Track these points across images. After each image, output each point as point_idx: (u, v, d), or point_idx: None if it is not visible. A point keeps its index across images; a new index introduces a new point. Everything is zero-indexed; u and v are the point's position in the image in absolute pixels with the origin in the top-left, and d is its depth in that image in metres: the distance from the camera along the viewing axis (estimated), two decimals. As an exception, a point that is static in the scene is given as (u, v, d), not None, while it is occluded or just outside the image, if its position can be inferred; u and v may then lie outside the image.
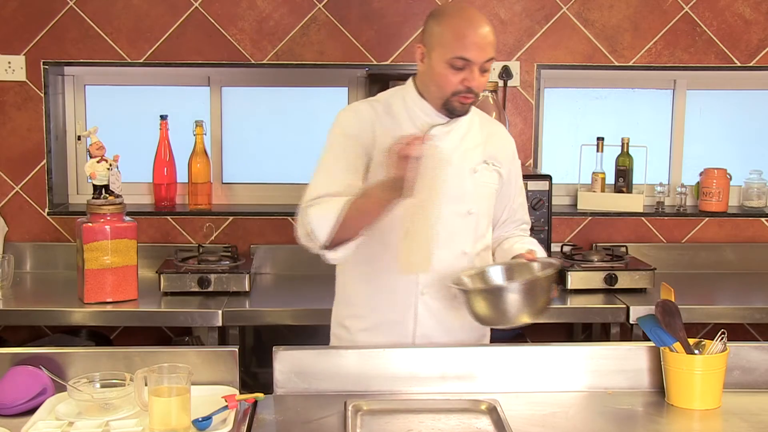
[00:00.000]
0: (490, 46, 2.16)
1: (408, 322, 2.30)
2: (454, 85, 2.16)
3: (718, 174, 3.63)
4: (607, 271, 3.21)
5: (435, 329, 2.30)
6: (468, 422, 1.93)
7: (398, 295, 2.29)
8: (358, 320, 2.35)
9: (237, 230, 3.58)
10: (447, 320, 2.30)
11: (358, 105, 2.35)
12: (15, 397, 1.96)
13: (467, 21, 2.15)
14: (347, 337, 2.37)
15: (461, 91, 2.16)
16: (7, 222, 3.54)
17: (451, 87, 2.16)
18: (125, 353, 2.10)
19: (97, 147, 2.99)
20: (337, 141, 2.28)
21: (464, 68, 2.14)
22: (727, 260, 3.65)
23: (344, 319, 2.39)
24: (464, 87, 2.16)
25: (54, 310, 3.01)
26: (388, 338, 2.30)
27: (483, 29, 2.15)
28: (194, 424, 1.83)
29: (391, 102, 2.30)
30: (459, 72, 2.14)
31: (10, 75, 3.49)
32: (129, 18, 3.48)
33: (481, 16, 2.18)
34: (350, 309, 2.38)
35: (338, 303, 2.43)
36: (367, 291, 2.33)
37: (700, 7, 3.55)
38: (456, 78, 2.15)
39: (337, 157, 2.25)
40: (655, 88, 3.78)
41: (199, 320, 2.99)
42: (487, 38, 2.15)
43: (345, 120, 2.30)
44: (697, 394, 2.03)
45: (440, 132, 2.22)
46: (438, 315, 2.30)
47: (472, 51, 2.13)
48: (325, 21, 3.50)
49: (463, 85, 2.15)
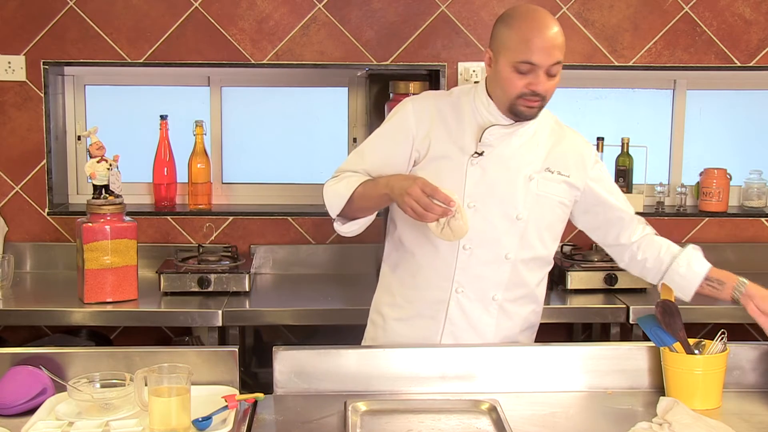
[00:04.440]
0: (557, 49, 2.12)
1: (439, 319, 2.29)
2: (519, 88, 2.14)
3: (718, 174, 3.62)
4: (607, 271, 3.21)
5: (465, 330, 2.29)
6: (468, 422, 1.93)
7: (433, 290, 2.29)
8: (394, 309, 2.36)
9: (237, 230, 3.58)
10: (478, 323, 2.29)
11: (424, 98, 2.34)
12: (15, 397, 1.96)
13: (533, 24, 2.12)
14: (381, 324, 2.39)
15: (526, 94, 2.14)
16: (7, 222, 3.54)
17: (516, 90, 2.14)
18: (125, 353, 2.10)
19: (97, 147, 2.99)
20: (387, 128, 2.32)
21: (530, 72, 2.12)
22: (727, 260, 3.63)
23: (381, 306, 2.40)
24: (529, 90, 2.14)
25: (54, 310, 3.01)
26: (418, 332, 2.31)
27: (549, 32, 2.11)
28: (194, 424, 1.84)
29: (461, 98, 2.30)
30: (524, 76, 2.12)
31: (10, 75, 3.49)
32: (129, 18, 3.48)
33: (548, 19, 2.14)
34: (388, 297, 2.38)
35: (379, 289, 2.44)
36: (406, 282, 2.34)
37: (700, 7, 3.55)
38: (521, 82, 2.13)
39: (378, 143, 2.31)
40: (655, 88, 3.78)
41: (199, 320, 2.99)
42: (553, 41, 2.11)
43: (404, 110, 2.30)
44: (697, 394, 2.03)
45: (499, 134, 2.22)
46: (470, 316, 2.29)
47: (538, 55, 2.10)
48: (325, 21, 3.50)
49: (528, 88, 2.13)
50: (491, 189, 2.23)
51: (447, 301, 2.28)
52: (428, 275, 2.29)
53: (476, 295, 2.28)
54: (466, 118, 2.26)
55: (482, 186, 2.23)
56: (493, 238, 2.25)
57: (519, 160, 2.25)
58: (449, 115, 2.27)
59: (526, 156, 2.26)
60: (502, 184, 2.24)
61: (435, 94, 2.40)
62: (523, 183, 2.25)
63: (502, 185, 2.24)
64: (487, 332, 2.30)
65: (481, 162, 2.23)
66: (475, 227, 2.17)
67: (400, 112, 2.30)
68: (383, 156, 2.28)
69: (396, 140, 2.28)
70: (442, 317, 2.30)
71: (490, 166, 2.24)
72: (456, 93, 2.33)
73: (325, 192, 2.29)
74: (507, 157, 2.24)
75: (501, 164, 2.24)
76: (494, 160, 2.24)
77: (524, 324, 2.37)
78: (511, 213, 2.25)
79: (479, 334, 2.30)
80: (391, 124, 2.31)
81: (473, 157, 2.23)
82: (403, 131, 2.27)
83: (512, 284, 2.29)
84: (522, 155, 2.26)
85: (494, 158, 2.24)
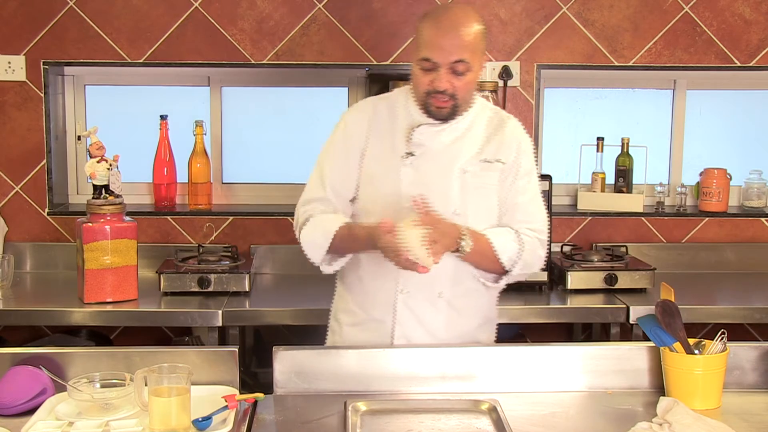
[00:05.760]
0: (460, 48, 2.12)
1: (388, 321, 2.30)
2: (425, 86, 2.17)
3: (718, 174, 3.63)
4: (607, 271, 3.21)
5: (415, 330, 2.29)
6: (468, 422, 1.93)
7: (379, 292, 2.31)
8: (347, 315, 2.38)
9: (237, 230, 3.58)
10: (428, 322, 2.29)
11: (361, 104, 2.39)
12: (15, 397, 1.96)
13: (438, 22, 2.14)
14: (338, 330, 2.41)
15: (432, 92, 2.17)
16: (7, 222, 3.54)
17: (423, 87, 2.18)
18: (125, 353, 2.10)
19: (97, 147, 2.99)
20: (335, 141, 2.34)
21: (432, 70, 2.15)
22: (727, 260, 3.65)
23: (337, 313, 2.43)
24: (432, 88, 2.16)
25: (54, 310, 3.01)
26: (371, 336, 2.32)
27: (453, 31, 2.12)
28: (194, 424, 1.84)
29: (398, 98, 2.33)
30: (428, 73, 2.15)
31: (10, 75, 3.49)
32: (129, 18, 3.48)
33: (460, 18, 2.14)
34: (342, 303, 2.42)
35: (335, 296, 2.47)
36: (354, 287, 2.37)
37: (700, 7, 3.55)
38: (426, 79, 2.16)
39: (331, 158, 2.33)
40: (655, 88, 3.78)
41: (199, 320, 2.99)
42: (455, 40, 2.12)
43: (346, 120, 2.35)
44: (697, 394, 2.03)
45: (428, 132, 2.24)
46: (418, 315, 2.29)
47: (436, 52, 2.12)
48: (325, 21, 3.50)
49: (431, 86, 2.16)
50: (426, 187, 2.22)
51: (394, 303, 2.29)
52: (373, 279, 2.30)
53: (422, 294, 2.28)
54: (400, 119, 2.28)
55: (417, 185, 2.22)
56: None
57: (452, 156, 2.26)
58: (385, 117, 2.30)
59: (461, 150, 2.27)
60: (436, 182, 2.24)
61: (372, 99, 2.42)
62: (457, 177, 2.25)
63: (437, 182, 2.24)
64: (438, 330, 2.30)
65: (413, 162, 2.24)
66: None
67: (340, 127, 2.34)
68: (340, 174, 2.31)
69: (347, 155, 2.30)
70: (391, 319, 2.30)
71: (423, 165, 2.25)
72: (394, 94, 2.37)
73: (302, 242, 2.30)
74: (439, 154, 2.25)
75: (434, 162, 2.25)
76: (427, 158, 2.25)
77: (479, 319, 2.36)
78: (449, 209, 2.24)
79: (430, 332, 2.30)
80: (337, 141, 2.33)
81: (404, 157, 2.24)
82: (349, 145, 2.30)
83: (458, 279, 2.29)
84: (455, 150, 2.26)
85: (427, 156, 2.25)
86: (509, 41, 3.55)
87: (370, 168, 2.28)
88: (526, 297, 3.17)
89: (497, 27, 3.53)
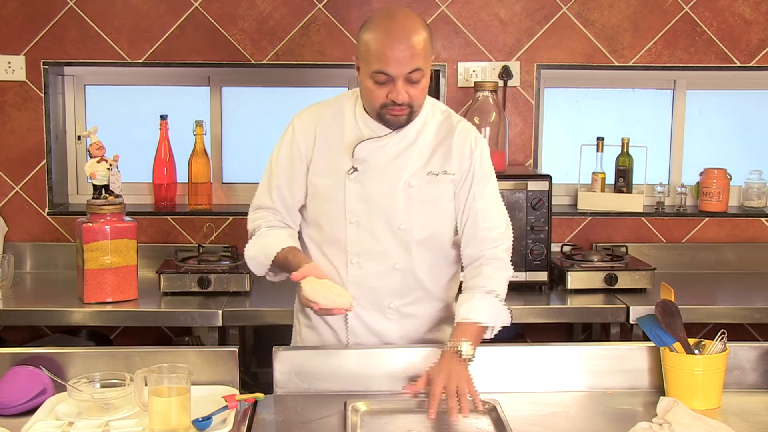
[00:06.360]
0: (413, 57, 2.06)
1: (341, 329, 2.30)
2: (381, 99, 2.12)
3: (718, 174, 3.62)
4: (607, 271, 3.21)
5: (368, 338, 2.28)
6: (468, 422, 1.93)
7: None
8: (304, 316, 2.38)
9: (237, 230, 3.58)
10: (380, 330, 2.28)
11: (308, 109, 2.33)
12: (15, 397, 1.96)
13: (387, 33, 2.07)
14: (298, 329, 2.41)
15: (388, 104, 2.12)
16: (7, 222, 3.54)
17: (379, 101, 2.13)
18: (125, 353, 2.11)
19: (97, 147, 2.99)
20: (281, 151, 2.30)
21: (387, 82, 2.09)
22: (727, 260, 3.65)
23: (296, 312, 2.43)
24: (389, 100, 2.11)
25: (54, 310, 3.01)
26: (325, 340, 2.33)
27: (403, 42, 2.06)
28: (194, 424, 1.84)
29: (344, 106, 2.28)
30: (383, 86, 2.10)
31: (10, 75, 3.49)
32: (129, 18, 3.48)
33: (407, 25, 2.08)
34: (299, 303, 2.39)
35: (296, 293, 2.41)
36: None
37: (700, 7, 3.55)
38: (381, 92, 2.11)
39: (280, 170, 2.30)
40: (655, 88, 3.78)
41: (199, 320, 2.99)
42: (407, 51, 2.06)
43: (291, 128, 2.30)
44: (697, 394, 2.03)
45: (371, 147, 2.21)
46: (370, 324, 2.28)
47: (392, 65, 2.06)
48: (325, 21, 3.50)
49: (388, 98, 2.11)
50: (371, 203, 2.20)
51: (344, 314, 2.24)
52: None
53: (372, 305, 2.27)
54: (346, 130, 2.24)
55: (362, 201, 2.21)
56: (380, 251, 2.22)
57: (397, 169, 2.22)
58: (331, 128, 2.26)
59: (406, 163, 2.22)
60: (381, 197, 2.21)
61: (318, 106, 2.34)
62: (402, 191, 2.21)
63: (381, 197, 2.21)
64: (390, 336, 2.29)
65: (358, 177, 2.21)
66: (360, 241, 2.21)
67: (288, 132, 2.30)
68: (287, 180, 2.28)
69: (293, 161, 2.27)
70: (343, 327, 2.29)
71: (368, 180, 2.21)
72: (340, 101, 2.31)
73: (246, 258, 2.30)
74: (384, 168, 2.21)
75: (378, 176, 2.21)
76: (371, 173, 2.21)
77: (431, 322, 2.32)
78: (393, 224, 2.21)
79: (383, 339, 2.29)
80: (284, 147, 2.30)
81: (350, 172, 2.22)
82: (295, 151, 2.27)
83: (406, 290, 2.27)
84: (400, 163, 2.22)
85: (371, 171, 2.21)
86: (509, 41, 3.55)
87: (316, 180, 2.25)
88: (526, 297, 3.18)
89: (497, 27, 3.53)
